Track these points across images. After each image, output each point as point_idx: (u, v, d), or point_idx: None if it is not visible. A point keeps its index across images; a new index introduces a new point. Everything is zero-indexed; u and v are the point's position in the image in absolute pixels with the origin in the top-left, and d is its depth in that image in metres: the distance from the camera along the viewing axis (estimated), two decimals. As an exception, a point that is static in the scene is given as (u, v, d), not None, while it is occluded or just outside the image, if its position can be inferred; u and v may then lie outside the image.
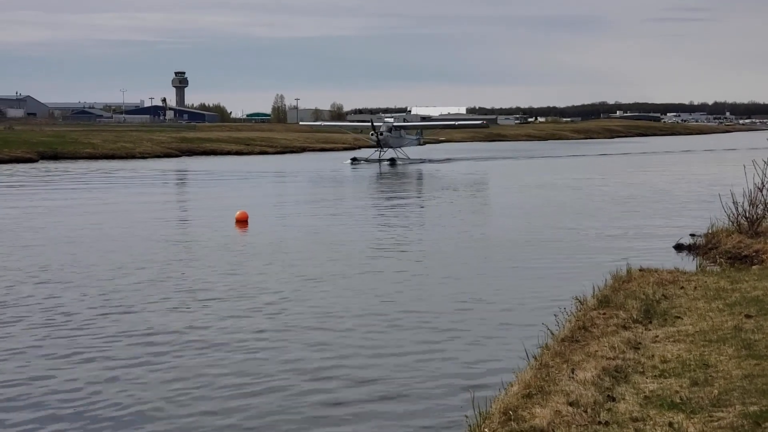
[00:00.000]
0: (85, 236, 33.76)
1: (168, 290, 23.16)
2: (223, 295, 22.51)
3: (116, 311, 20.77)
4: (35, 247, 30.74)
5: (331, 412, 14.13)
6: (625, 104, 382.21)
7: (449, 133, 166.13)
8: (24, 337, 18.47)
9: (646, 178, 67.36)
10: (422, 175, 75.51)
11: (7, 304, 21.39)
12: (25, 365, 16.44)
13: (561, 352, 13.67)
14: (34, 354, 17.17)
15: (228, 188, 59.17)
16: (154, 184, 65.24)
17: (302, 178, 70.98)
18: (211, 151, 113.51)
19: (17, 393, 14.90)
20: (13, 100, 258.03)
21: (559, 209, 43.44)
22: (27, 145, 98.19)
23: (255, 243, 32.05)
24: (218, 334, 18.69)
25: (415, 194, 55.85)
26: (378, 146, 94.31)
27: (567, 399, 11.15)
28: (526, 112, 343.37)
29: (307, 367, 16.39)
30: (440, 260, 28.36)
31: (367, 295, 22.63)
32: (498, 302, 21.75)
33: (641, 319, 15.63)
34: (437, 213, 43.43)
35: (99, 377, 15.71)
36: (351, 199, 51.38)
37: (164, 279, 24.77)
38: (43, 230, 35.41)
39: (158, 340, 18.24)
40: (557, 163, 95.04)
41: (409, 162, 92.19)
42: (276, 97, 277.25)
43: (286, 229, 36.17)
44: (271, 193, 55.61)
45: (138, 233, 34.56)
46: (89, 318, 20.05)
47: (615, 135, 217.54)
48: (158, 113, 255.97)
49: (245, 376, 15.75)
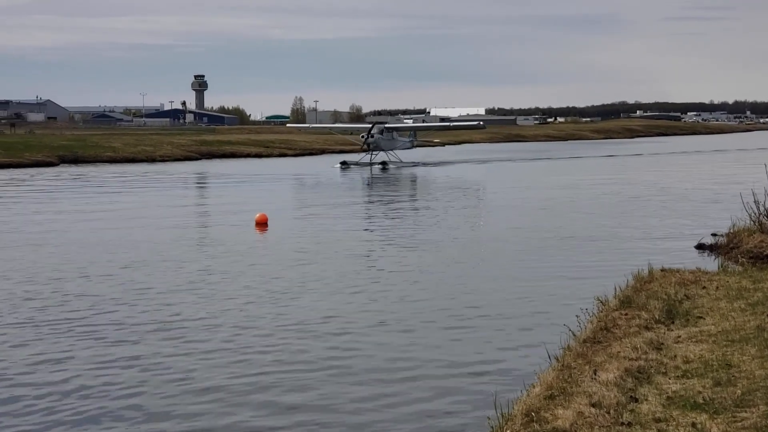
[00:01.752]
0: (127, 241, 33.90)
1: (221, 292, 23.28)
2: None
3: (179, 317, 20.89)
4: (65, 249, 30.91)
5: (351, 411, 14.17)
6: (645, 104, 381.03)
7: (469, 134, 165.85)
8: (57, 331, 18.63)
9: (666, 177, 67.12)
10: (416, 178, 73.15)
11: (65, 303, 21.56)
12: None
13: (583, 353, 13.65)
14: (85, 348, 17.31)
15: (226, 192, 59.29)
16: (176, 187, 65.36)
17: (286, 184, 67.51)
18: (231, 153, 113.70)
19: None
20: (33, 104, 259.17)
21: (578, 209, 43.36)
22: (47, 149, 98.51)
23: (273, 246, 32.16)
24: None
25: (418, 197, 55.79)
26: (368, 149, 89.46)
27: (589, 400, 11.14)
28: (545, 113, 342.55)
29: (330, 365, 16.44)
30: (459, 261, 28.35)
31: (387, 297, 22.63)
32: (519, 303, 21.75)
33: (663, 319, 15.59)
34: (448, 214, 43.39)
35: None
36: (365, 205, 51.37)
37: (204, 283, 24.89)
38: (70, 234, 35.58)
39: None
40: (577, 163, 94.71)
41: (402, 165, 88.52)
42: (295, 99, 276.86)
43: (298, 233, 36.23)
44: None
45: (165, 238, 34.69)
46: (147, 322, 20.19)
47: (635, 135, 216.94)
48: (178, 116, 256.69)
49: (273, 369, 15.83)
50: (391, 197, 53.88)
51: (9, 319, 20.37)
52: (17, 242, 33.02)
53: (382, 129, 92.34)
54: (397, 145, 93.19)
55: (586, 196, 51.50)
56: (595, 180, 65.70)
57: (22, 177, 73.12)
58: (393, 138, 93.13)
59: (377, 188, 62.52)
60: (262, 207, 42.53)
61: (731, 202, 37.04)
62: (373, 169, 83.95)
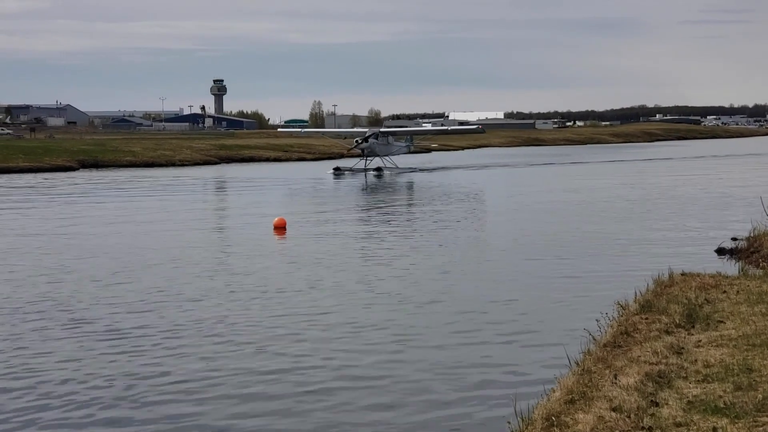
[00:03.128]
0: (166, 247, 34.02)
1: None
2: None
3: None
4: (100, 252, 31.08)
5: (370, 414, 14.20)
6: (665, 107, 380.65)
7: (487, 138, 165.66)
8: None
9: (686, 181, 66.92)
10: (412, 185, 69.19)
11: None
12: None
13: (603, 357, 13.61)
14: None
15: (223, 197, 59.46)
16: (197, 191, 65.55)
17: (279, 191, 64.81)
18: (250, 158, 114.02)
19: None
20: (53, 108, 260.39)
21: (596, 213, 43.28)
22: (67, 154, 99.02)
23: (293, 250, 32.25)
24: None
25: (433, 203, 55.78)
26: (363, 155, 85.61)
27: (610, 404, 11.11)
28: (564, 116, 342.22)
29: (349, 372, 16.48)
30: (478, 264, 28.39)
31: (408, 299, 22.66)
32: (539, 307, 21.72)
33: (684, 323, 15.54)
34: (464, 217, 43.38)
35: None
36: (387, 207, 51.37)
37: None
38: (99, 237, 35.75)
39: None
40: (596, 167, 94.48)
41: (399, 171, 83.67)
42: (314, 104, 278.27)
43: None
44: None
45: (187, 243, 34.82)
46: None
47: (655, 138, 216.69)
48: (197, 121, 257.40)
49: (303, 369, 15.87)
50: (405, 203, 53.88)
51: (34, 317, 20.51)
52: (42, 246, 33.19)
53: (377, 133, 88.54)
54: (393, 150, 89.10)
55: (604, 199, 51.37)
56: (614, 183, 65.57)
57: (44, 181, 73.40)
58: (388, 143, 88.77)
59: (376, 194, 62.39)
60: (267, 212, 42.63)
61: (751, 206, 36.98)
62: (368, 175, 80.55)
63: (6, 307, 22.26)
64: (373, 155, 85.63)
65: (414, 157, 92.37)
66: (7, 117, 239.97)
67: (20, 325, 20.39)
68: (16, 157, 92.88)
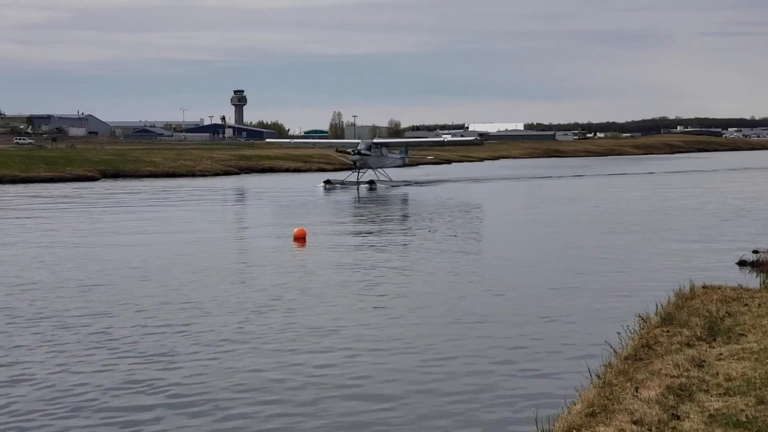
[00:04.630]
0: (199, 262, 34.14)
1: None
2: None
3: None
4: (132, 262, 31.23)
5: (389, 426, 14.21)
6: (686, 119, 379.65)
7: (507, 150, 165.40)
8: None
9: (707, 193, 66.74)
10: (407, 197, 67.39)
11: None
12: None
13: (624, 370, 13.59)
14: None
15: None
16: (216, 201, 65.73)
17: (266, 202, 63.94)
18: (270, 168, 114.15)
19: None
20: (74, 119, 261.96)
21: (616, 226, 43.18)
22: (89, 164, 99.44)
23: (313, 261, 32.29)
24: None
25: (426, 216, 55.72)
26: (355, 167, 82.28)
27: (631, 417, 11.10)
28: (584, 128, 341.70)
29: (365, 380, 16.49)
30: (499, 276, 28.33)
31: (429, 311, 22.65)
32: (559, 319, 21.68)
33: (705, 336, 15.50)
34: (485, 228, 43.34)
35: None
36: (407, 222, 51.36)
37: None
38: (133, 248, 35.91)
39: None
40: (617, 180, 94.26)
41: (392, 185, 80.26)
42: (333, 114, 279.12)
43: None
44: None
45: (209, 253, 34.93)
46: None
47: (676, 150, 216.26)
48: (218, 131, 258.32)
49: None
50: (408, 215, 53.88)
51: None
52: (72, 257, 33.36)
53: (370, 145, 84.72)
54: (387, 162, 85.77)
55: (624, 211, 51.26)
56: (634, 195, 65.41)
57: (65, 191, 73.73)
58: (382, 155, 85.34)
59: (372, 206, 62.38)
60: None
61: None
62: (361, 189, 76.93)
63: (46, 316, 22.40)
64: (365, 167, 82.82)
65: (429, 169, 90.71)
66: (28, 127, 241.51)
67: (59, 333, 20.52)
68: (38, 166, 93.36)
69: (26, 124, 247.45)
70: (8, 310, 22.96)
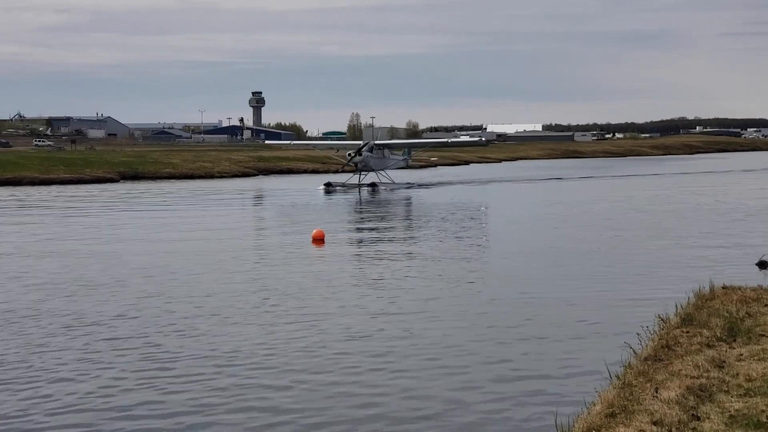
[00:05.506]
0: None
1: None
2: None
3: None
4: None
5: (411, 428, 14.23)
6: (705, 119, 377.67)
7: (526, 151, 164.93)
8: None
9: (726, 194, 66.50)
10: (409, 200, 65.97)
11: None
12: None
13: (644, 371, 13.57)
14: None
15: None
16: (234, 203, 65.91)
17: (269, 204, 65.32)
18: (288, 170, 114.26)
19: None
20: (94, 121, 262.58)
21: (635, 226, 43.07)
22: (108, 166, 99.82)
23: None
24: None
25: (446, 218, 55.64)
26: (356, 169, 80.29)
27: (651, 418, 11.08)
28: (603, 129, 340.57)
29: (386, 382, 16.52)
30: (517, 276, 28.34)
31: (447, 312, 22.68)
32: (578, 320, 21.66)
33: (725, 337, 15.45)
34: (498, 231, 43.31)
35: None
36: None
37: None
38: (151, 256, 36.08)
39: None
40: (637, 180, 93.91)
41: (395, 187, 78.84)
42: (352, 116, 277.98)
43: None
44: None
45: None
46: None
47: (695, 151, 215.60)
48: (236, 133, 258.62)
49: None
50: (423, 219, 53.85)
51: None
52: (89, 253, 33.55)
53: (372, 146, 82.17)
54: (389, 164, 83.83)
55: (644, 211, 51.14)
56: (653, 195, 65.21)
57: (85, 193, 74.04)
58: (384, 156, 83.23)
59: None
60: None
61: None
62: (362, 191, 75.75)
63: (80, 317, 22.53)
64: (367, 169, 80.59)
65: (435, 171, 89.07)
66: (48, 129, 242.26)
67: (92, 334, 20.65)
68: (58, 168, 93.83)
69: (45, 126, 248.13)
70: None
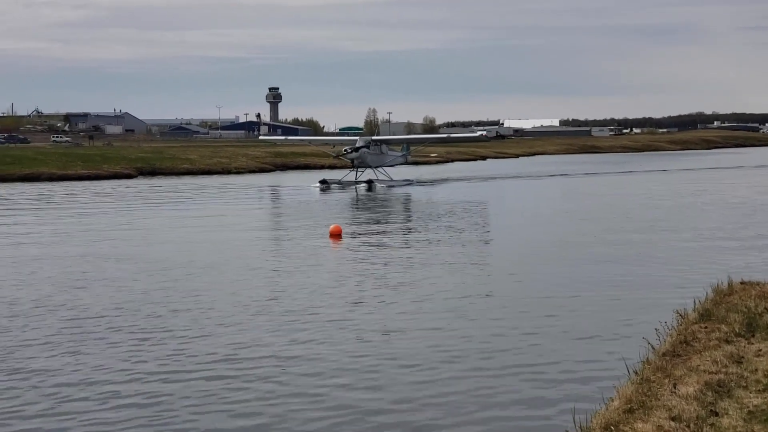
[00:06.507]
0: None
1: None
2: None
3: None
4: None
5: (429, 423, 14.25)
6: (723, 114, 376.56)
7: (543, 146, 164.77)
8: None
9: (744, 188, 66.30)
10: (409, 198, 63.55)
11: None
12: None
13: (662, 366, 13.53)
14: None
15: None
16: (251, 198, 66.00)
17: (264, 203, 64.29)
18: (305, 165, 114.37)
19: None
20: (111, 116, 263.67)
21: (651, 221, 42.95)
22: (125, 161, 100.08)
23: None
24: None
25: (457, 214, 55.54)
26: (353, 165, 78.16)
27: (669, 414, 11.05)
28: (620, 124, 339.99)
29: (402, 378, 16.54)
30: (535, 271, 28.30)
31: (466, 308, 22.66)
32: (596, 316, 21.63)
33: (744, 332, 15.39)
34: (511, 225, 43.26)
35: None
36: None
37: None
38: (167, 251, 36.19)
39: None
40: (653, 176, 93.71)
41: (393, 184, 76.16)
42: (368, 111, 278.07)
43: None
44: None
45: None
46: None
47: (713, 146, 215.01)
48: (253, 128, 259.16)
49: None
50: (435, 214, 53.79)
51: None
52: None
53: (369, 142, 79.97)
54: (387, 160, 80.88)
55: (662, 207, 50.99)
56: (670, 192, 65.05)
57: (104, 189, 74.27)
58: (381, 152, 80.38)
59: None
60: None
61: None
62: (358, 189, 73.18)
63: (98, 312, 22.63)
64: (364, 166, 78.39)
65: (436, 167, 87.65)
66: (65, 125, 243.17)
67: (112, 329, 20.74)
68: (75, 164, 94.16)
69: (63, 122, 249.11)
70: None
